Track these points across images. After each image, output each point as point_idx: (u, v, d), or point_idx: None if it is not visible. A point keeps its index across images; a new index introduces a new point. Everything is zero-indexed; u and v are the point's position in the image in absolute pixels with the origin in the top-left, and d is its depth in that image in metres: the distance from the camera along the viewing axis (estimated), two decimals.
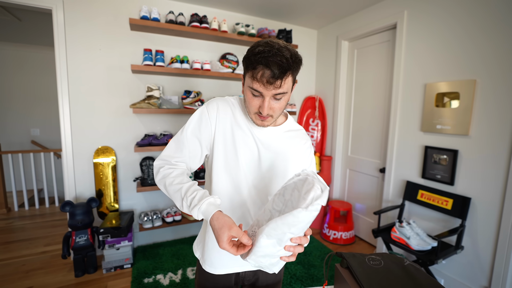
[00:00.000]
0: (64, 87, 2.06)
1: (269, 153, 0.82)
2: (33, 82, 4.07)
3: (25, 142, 4.12)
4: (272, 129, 0.84)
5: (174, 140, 0.82)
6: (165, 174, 0.77)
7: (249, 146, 0.81)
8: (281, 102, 0.74)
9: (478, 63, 1.68)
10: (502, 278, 1.61)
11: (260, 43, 0.69)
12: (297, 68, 0.71)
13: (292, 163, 0.85)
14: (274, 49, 0.66)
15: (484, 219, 1.70)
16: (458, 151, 1.80)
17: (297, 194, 0.64)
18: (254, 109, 0.74)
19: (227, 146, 0.80)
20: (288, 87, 0.72)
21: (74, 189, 2.18)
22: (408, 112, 2.12)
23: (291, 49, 0.69)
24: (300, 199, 0.61)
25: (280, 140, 0.84)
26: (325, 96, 3.01)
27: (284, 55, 0.66)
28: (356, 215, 2.75)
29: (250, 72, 0.70)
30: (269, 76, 0.66)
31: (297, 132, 0.89)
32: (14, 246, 2.44)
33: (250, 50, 0.70)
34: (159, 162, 0.81)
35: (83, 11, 2.05)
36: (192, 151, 0.81)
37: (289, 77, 0.70)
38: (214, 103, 0.82)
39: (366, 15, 2.44)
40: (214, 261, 0.86)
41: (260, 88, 0.69)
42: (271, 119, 0.76)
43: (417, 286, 0.71)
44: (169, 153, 0.81)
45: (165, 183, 0.75)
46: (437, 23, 1.89)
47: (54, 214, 3.22)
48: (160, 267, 2.11)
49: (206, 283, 0.89)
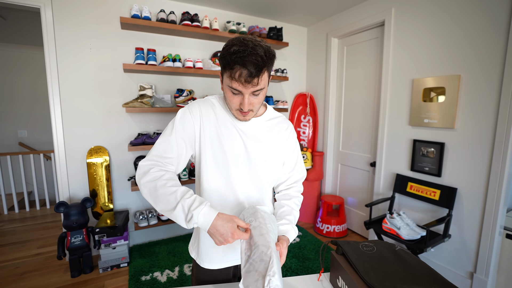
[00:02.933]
0: (55, 87, 2.03)
1: (255, 144, 0.85)
2: (19, 82, 3.97)
3: (12, 144, 4.02)
4: (255, 120, 0.87)
5: (162, 141, 0.80)
6: (156, 176, 0.74)
7: (234, 140, 0.83)
8: (259, 97, 0.77)
9: (462, 59, 1.75)
10: (486, 263, 1.70)
11: (235, 42, 0.71)
12: (271, 63, 0.74)
13: (278, 149, 0.90)
14: (249, 48, 0.68)
15: (469, 208, 1.78)
16: (445, 143, 1.88)
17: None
18: (235, 106, 0.77)
19: (213, 144, 0.82)
20: (265, 83, 0.75)
21: (67, 190, 2.16)
22: (397, 107, 2.19)
23: (264, 46, 0.71)
24: None
25: (263, 130, 0.88)
26: (316, 93, 3.05)
27: (258, 54, 0.68)
28: (348, 208, 2.82)
29: (227, 72, 0.71)
30: (246, 75, 0.69)
31: (278, 119, 0.93)
32: (6, 250, 2.40)
33: (226, 50, 0.71)
34: (148, 162, 0.77)
35: (73, 10, 2.03)
36: (180, 151, 0.80)
37: (265, 73, 0.72)
38: (196, 104, 0.84)
39: (355, 13, 2.49)
40: (212, 257, 0.88)
41: (239, 87, 0.72)
42: (252, 113, 0.80)
43: (408, 268, 0.75)
44: (159, 153, 0.78)
45: (156, 185, 0.72)
46: (422, 21, 1.96)
47: (45, 216, 3.17)
48: (157, 264, 2.12)
49: (205, 277, 0.90)
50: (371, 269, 0.74)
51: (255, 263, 0.65)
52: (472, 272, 1.78)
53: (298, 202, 0.95)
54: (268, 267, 0.63)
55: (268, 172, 0.88)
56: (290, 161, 0.94)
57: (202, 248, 0.88)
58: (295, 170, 0.95)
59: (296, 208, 0.93)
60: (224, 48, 0.72)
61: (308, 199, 2.94)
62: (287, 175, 0.95)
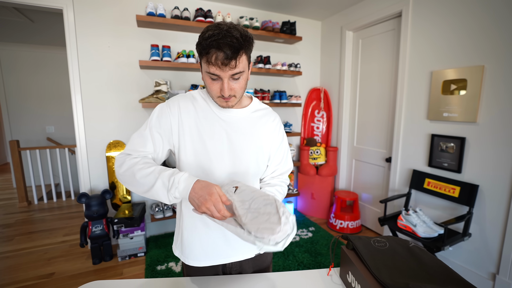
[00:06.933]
0: (77, 84, 2.14)
1: (239, 136, 0.82)
2: (47, 81, 4.23)
3: (41, 139, 4.30)
4: (239, 111, 0.84)
5: (137, 135, 0.80)
6: (132, 163, 0.74)
7: (216, 133, 0.81)
8: (240, 82, 0.75)
9: (486, 48, 1.65)
10: (510, 265, 1.61)
11: (210, 28, 0.70)
12: (249, 46, 0.72)
13: (264, 142, 0.87)
14: (223, 31, 0.67)
15: (492, 206, 1.69)
16: (466, 138, 1.79)
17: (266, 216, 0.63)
18: (216, 93, 0.75)
19: (193, 138, 0.80)
20: (244, 66, 0.73)
21: (89, 182, 2.28)
22: (414, 101, 2.10)
23: (240, 29, 0.70)
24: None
25: (248, 121, 0.85)
26: (330, 87, 3.00)
27: (234, 35, 0.67)
28: (363, 204, 2.76)
29: (204, 57, 0.70)
30: (222, 58, 0.67)
31: (265, 110, 0.90)
32: (36, 236, 2.59)
33: (201, 36, 0.70)
34: (122, 155, 0.77)
35: (92, 10, 2.12)
36: (156, 145, 0.80)
37: (242, 56, 0.70)
38: (175, 99, 0.83)
39: (370, 4, 2.41)
40: (196, 253, 0.85)
41: (216, 71, 0.70)
42: (234, 99, 0.77)
43: (422, 265, 0.71)
44: (133, 147, 0.79)
45: (133, 170, 0.72)
46: (443, 9, 1.86)
47: (70, 207, 3.37)
48: (172, 255, 2.19)
49: (194, 276, 0.88)
50: (383, 265, 0.71)
51: (260, 209, 0.63)
52: (494, 274, 1.69)
53: (282, 190, 0.91)
54: (277, 206, 0.61)
55: (253, 165, 0.84)
56: (277, 154, 0.91)
57: (186, 245, 0.86)
58: (282, 163, 0.93)
59: (278, 194, 0.88)
60: (200, 35, 0.71)
61: (322, 195, 2.91)
62: (273, 168, 0.92)
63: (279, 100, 2.72)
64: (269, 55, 2.79)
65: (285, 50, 2.90)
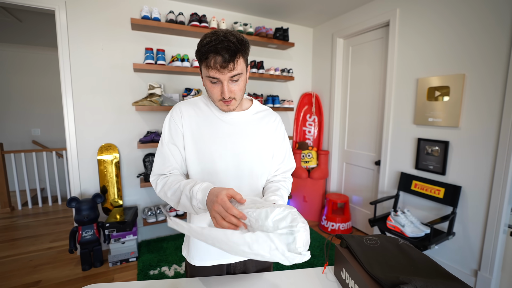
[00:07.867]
0: (68, 86, 2.11)
1: (242, 138, 0.85)
2: (33, 82, 4.11)
3: (26, 142, 4.15)
4: (241, 114, 0.87)
5: (158, 155, 0.85)
6: (163, 183, 0.81)
7: (219, 137, 0.83)
8: (239, 84, 0.78)
9: (465, 58, 1.77)
10: (490, 261, 1.70)
11: (207, 35, 0.74)
12: (246, 50, 0.76)
13: (267, 142, 0.90)
14: (220, 36, 0.71)
15: (473, 206, 1.79)
16: (449, 142, 1.89)
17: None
18: (217, 97, 0.78)
19: (196, 142, 0.83)
20: (242, 68, 0.76)
21: (79, 186, 2.24)
22: (401, 106, 2.21)
23: (236, 34, 0.74)
24: None
25: (250, 123, 0.88)
26: (322, 92, 3.08)
27: (230, 40, 0.71)
28: (353, 206, 2.83)
29: (204, 62, 0.74)
30: (221, 61, 0.71)
31: (265, 111, 0.94)
32: (20, 243, 2.49)
33: (199, 43, 0.74)
34: (153, 178, 0.84)
35: (85, 12, 2.11)
36: (176, 158, 0.84)
37: (240, 58, 0.74)
38: (177, 107, 0.86)
39: (360, 13, 2.52)
40: (202, 254, 0.87)
41: (216, 74, 0.73)
42: (235, 101, 0.80)
43: (410, 260, 0.77)
44: (158, 167, 0.84)
45: (164, 190, 0.79)
46: (427, 21, 1.97)
47: (57, 212, 3.27)
48: (165, 259, 2.17)
49: (198, 275, 0.90)
50: (375, 262, 0.76)
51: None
52: (476, 270, 1.79)
53: (286, 185, 0.93)
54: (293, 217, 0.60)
55: (258, 166, 0.87)
56: (279, 152, 0.94)
57: (193, 246, 0.89)
58: (284, 161, 0.96)
59: (283, 189, 0.90)
60: (198, 43, 0.75)
61: (313, 197, 2.97)
62: (276, 167, 0.95)
63: (272, 105, 2.77)
64: (263, 60, 2.84)
65: (278, 55, 2.97)
